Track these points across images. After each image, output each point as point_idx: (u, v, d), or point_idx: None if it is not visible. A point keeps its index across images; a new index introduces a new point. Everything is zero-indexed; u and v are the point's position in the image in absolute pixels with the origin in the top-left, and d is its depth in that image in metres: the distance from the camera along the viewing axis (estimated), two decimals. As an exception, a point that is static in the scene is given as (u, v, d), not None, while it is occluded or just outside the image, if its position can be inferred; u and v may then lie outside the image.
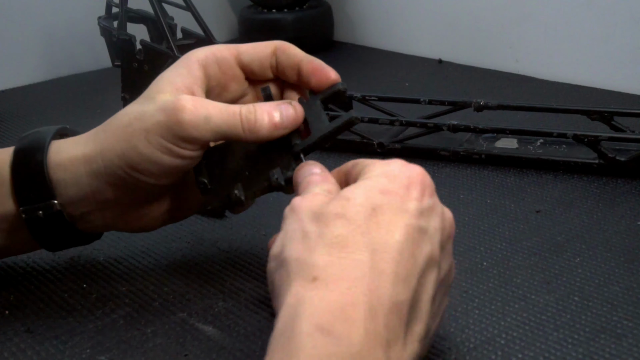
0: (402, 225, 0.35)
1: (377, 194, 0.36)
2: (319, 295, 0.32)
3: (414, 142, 0.67)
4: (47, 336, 0.44)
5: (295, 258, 0.34)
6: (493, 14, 0.95)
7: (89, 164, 0.44)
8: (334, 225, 0.35)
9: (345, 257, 0.34)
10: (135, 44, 0.75)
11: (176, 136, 0.43)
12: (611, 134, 0.60)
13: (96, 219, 0.46)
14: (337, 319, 0.31)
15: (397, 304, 0.33)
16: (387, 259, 0.34)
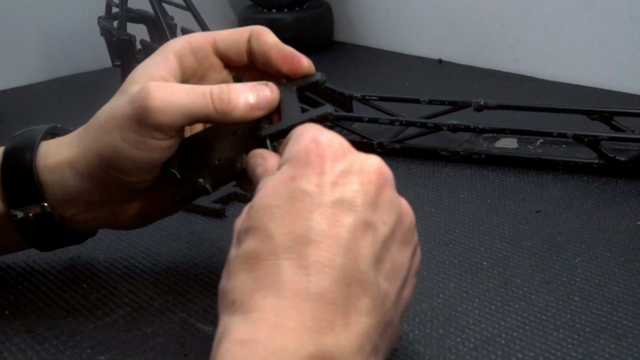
0: (309, 209, 0.33)
1: (280, 186, 0.34)
2: (238, 317, 0.31)
3: (414, 142, 0.67)
4: (47, 336, 0.44)
5: (221, 288, 0.34)
6: (493, 14, 0.95)
7: (74, 166, 0.44)
8: (245, 241, 0.34)
9: (259, 269, 0.32)
10: (135, 44, 0.76)
11: (146, 126, 0.41)
12: (611, 134, 0.60)
13: (87, 219, 0.46)
14: (256, 327, 0.30)
15: (322, 292, 0.31)
16: (301, 251, 0.32)
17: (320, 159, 0.34)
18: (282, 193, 0.34)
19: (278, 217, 0.33)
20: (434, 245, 0.51)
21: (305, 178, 0.34)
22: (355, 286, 0.32)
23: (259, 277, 0.32)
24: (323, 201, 0.33)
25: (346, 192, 0.34)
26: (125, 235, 0.55)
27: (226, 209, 0.58)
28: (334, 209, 0.33)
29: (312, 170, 0.34)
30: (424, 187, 0.61)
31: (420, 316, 0.43)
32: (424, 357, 0.40)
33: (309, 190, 0.33)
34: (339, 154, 0.35)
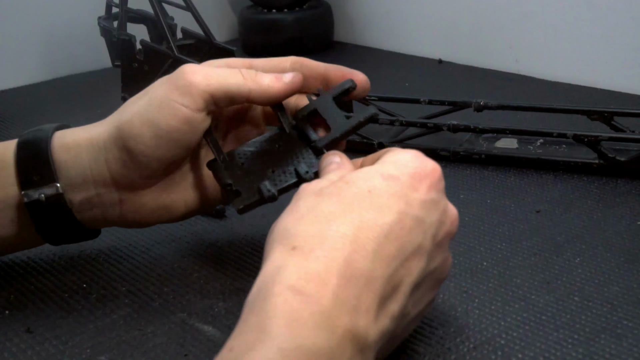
0: (396, 210, 0.36)
1: (377, 177, 0.37)
2: (295, 262, 0.33)
3: (414, 142, 0.67)
4: (47, 336, 0.44)
5: (283, 227, 0.35)
6: (493, 14, 0.95)
7: (91, 142, 0.45)
8: (326, 202, 0.36)
9: (328, 230, 0.34)
10: (135, 44, 0.75)
11: (177, 88, 0.43)
12: (611, 134, 0.60)
13: (95, 205, 0.46)
14: (309, 281, 0.32)
15: (371, 280, 0.34)
16: (370, 237, 0.34)
17: (422, 179, 0.38)
18: (377, 182, 0.37)
19: (364, 199, 0.36)
20: (434, 245, 0.51)
21: (402, 183, 0.37)
22: (395, 293, 0.35)
23: (326, 237, 0.34)
24: (407, 211, 0.36)
25: (426, 218, 0.37)
26: (125, 235, 0.55)
27: (226, 209, 0.58)
28: (412, 222, 0.36)
29: (412, 181, 0.37)
30: (424, 187, 0.61)
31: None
32: (424, 357, 0.40)
33: (400, 194, 0.36)
34: (436, 186, 0.38)
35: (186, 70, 0.44)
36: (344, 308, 0.32)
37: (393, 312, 0.35)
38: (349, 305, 0.32)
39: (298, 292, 0.32)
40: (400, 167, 0.38)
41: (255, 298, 0.33)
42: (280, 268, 0.33)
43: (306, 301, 0.31)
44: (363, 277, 0.33)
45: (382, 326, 0.34)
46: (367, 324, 0.33)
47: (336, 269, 0.33)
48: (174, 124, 0.44)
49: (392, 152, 0.39)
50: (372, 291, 0.34)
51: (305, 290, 0.32)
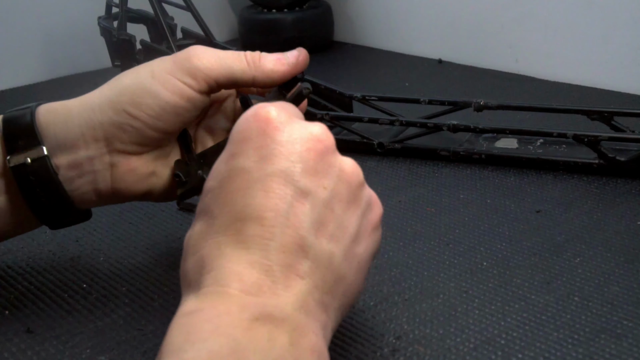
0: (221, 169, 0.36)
1: (222, 167, 0.37)
2: (191, 295, 0.34)
3: (414, 142, 0.67)
4: (47, 336, 0.44)
5: (180, 272, 0.37)
6: (493, 14, 0.95)
7: (83, 105, 0.45)
8: (195, 225, 0.37)
9: (204, 248, 0.35)
10: (135, 44, 0.76)
11: (183, 69, 0.44)
12: (611, 134, 0.60)
13: (85, 172, 0.45)
14: (202, 301, 0.33)
15: (259, 261, 0.34)
16: (239, 229, 0.35)
17: (260, 133, 0.36)
18: (223, 173, 0.36)
19: (219, 198, 0.35)
20: (434, 245, 0.51)
21: (244, 155, 0.35)
22: (295, 252, 0.34)
23: (204, 256, 0.34)
24: (260, 176, 0.35)
25: (283, 163, 0.35)
26: (125, 235, 0.55)
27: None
28: (271, 182, 0.35)
29: (251, 145, 0.36)
30: (424, 187, 0.61)
31: (420, 316, 0.43)
32: (424, 357, 0.40)
33: (247, 167, 0.35)
34: (279, 125, 0.36)
35: (192, 54, 0.45)
36: (246, 299, 0.33)
37: (305, 269, 0.34)
38: (251, 296, 0.33)
39: (191, 312, 0.33)
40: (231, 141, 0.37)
41: None
42: (180, 305, 0.34)
43: (201, 315, 0.32)
44: (252, 263, 0.34)
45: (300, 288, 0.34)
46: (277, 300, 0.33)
47: (226, 272, 0.34)
48: (177, 101, 0.44)
49: None
50: (263, 272, 0.34)
51: (199, 307, 0.33)
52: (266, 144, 0.35)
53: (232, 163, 0.36)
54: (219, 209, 0.35)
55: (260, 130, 0.36)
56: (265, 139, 0.35)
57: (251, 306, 0.32)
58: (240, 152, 0.36)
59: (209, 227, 0.35)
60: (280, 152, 0.35)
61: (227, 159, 0.36)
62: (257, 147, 0.35)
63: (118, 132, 0.45)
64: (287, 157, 0.35)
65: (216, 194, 0.36)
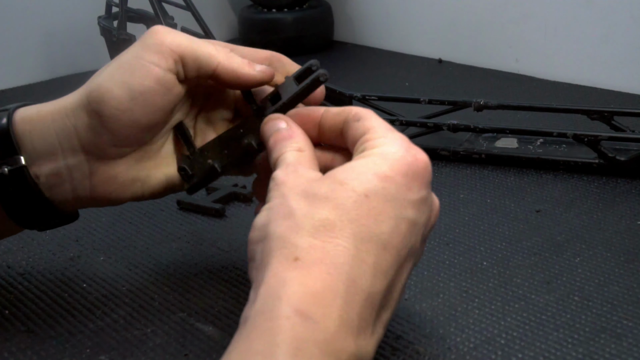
0: (393, 216, 0.35)
1: (373, 178, 0.35)
2: (299, 278, 0.32)
3: (414, 141, 0.67)
4: (47, 336, 0.44)
5: (279, 235, 0.34)
6: (493, 14, 0.95)
7: (57, 111, 0.43)
8: (322, 207, 0.35)
9: (329, 241, 0.34)
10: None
11: (146, 46, 0.42)
12: (611, 133, 0.60)
13: (63, 180, 0.44)
14: (314, 304, 0.32)
15: (372, 294, 0.33)
16: (370, 249, 0.34)
17: (415, 177, 0.36)
18: (373, 184, 0.35)
19: (362, 205, 0.35)
20: (434, 245, 0.51)
21: (396, 184, 0.36)
22: (387, 300, 0.35)
23: (327, 251, 0.33)
24: (402, 215, 0.35)
25: (419, 219, 0.36)
26: (125, 235, 0.55)
27: (226, 209, 0.58)
28: (406, 226, 0.35)
29: (406, 181, 0.36)
30: (424, 187, 0.61)
31: (420, 316, 0.43)
32: (424, 357, 0.40)
33: (396, 198, 0.35)
34: (426, 181, 0.37)
35: (157, 30, 0.43)
36: (348, 330, 0.32)
37: (386, 319, 0.35)
38: (352, 327, 0.32)
39: (305, 316, 0.31)
40: (392, 164, 0.36)
41: (259, 314, 0.32)
42: (284, 283, 0.32)
43: (313, 328, 0.31)
44: (364, 293, 0.33)
45: (377, 337, 0.34)
46: (366, 341, 0.33)
47: (340, 288, 0.33)
48: (146, 84, 0.42)
49: (378, 140, 0.38)
50: (371, 306, 0.34)
51: (311, 314, 0.31)
52: (413, 191, 0.36)
53: (386, 184, 0.35)
54: (357, 216, 0.34)
55: (415, 176, 0.36)
56: (414, 185, 0.36)
57: (351, 341, 0.32)
58: (394, 180, 0.36)
59: (341, 225, 0.34)
60: (418, 207, 0.36)
61: (380, 175, 0.36)
62: (408, 188, 0.36)
63: (93, 136, 0.43)
64: (421, 215, 0.37)
65: (360, 200, 0.35)
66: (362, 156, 0.37)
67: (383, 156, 0.36)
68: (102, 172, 0.44)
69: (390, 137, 0.38)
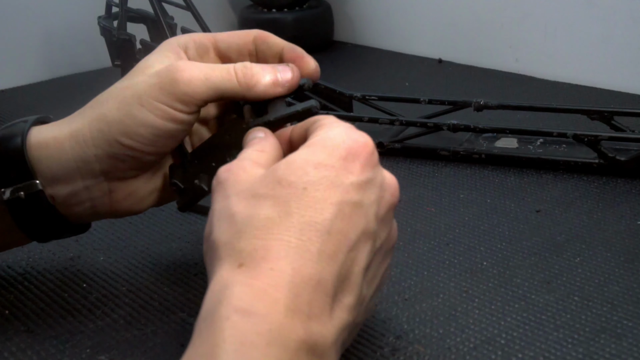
0: (334, 202, 0.35)
1: (311, 169, 0.35)
2: (242, 280, 0.32)
3: (414, 141, 0.67)
4: (47, 336, 0.44)
5: (224, 242, 0.34)
6: (493, 14, 0.95)
7: (74, 138, 0.44)
8: (262, 206, 0.35)
9: (271, 238, 0.34)
10: (135, 43, 0.76)
11: (171, 95, 0.42)
12: (611, 133, 0.60)
13: (81, 200, 0.45)
14: (257, 300, 0.32)
15: (321, 281, 0.33)
16: (313, 237, 0.34)
17: (354, 159, 0.36)
18: (310, 175, 0.35)
19: (301, 198, 0.35)
20: (434, 245, 0.51)
21: (335, 170, 0.35)
22: (346, 285, 0.34)
23: (269, 248, 0.33)
24: (344, 199, 0.35)
25: (365, 199, 0.36)
26: (125, 235, 0.55)
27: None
28: (351, 209, 0.35)
29: (344, 164, 0.36)
30: (424, 187, 0.61)
31: (420, 316, 0.43)
32: (424, 357, 0.40)
33: (335, 183, 0.35)
34: (370, 162, 0.37)
35: (178, 77, 0.42)
36: (296, 319, 0.32)
37: (349, 304, 0.34)
38: (301, 315, 0.32)
39: (246, 313, 0.31)
40: (331, 151, 0.36)
41: (202, 321, 0.32)
42: (226, 287, 0.32)
43: (255, 322, 0.31)
44: (312, 280, 0.33)
45: (339, 322, 0.34)
46: (322, 328, 0.32)
47: (285, 281, 0.32)
48: (169, 126, 0.43)
49: (320, 129, 0.38)
50: (323, 292, 0.33)
51: (253, 310, 0.31)
52: (355, 173, 0.36)
53: (324, 172, 0.35)
54: (298, 209, 0.34)
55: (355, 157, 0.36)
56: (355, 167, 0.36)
57: (300, 327, 0.32)
58: (333, 165, 0.35)
59: (282, 220, 0.34)
60: (364, 188, 0.36)
61: (318, 163, 0.35)
62: (349, 170, 0.36)
63: (115, 162, 0.44)
64: (368, 195, 0.36)
65: (299, 193, 0.35)
66: (303, 147, 0.37)
67: (321, 144, 0.37)
68: (121, 190, 0.45)
69: (332, 126, 0.38)
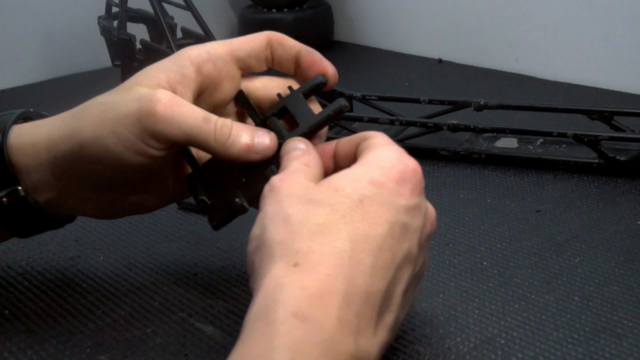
0: (387, 220, 0.35)
1: (366, 184, 0.36)
2: (297, 282, 0.33)
3: (414, 141, 0.67)
4: (47, 336, 0.44)
5: (278, 241, 0.35)
6: (493, 14, 0.95)
7: (51, 150, 0.43)
8: (317, 212, 0.35)
9: (326, 244, 0.34)
10: (135, 43, 0.76)
11: (145, 130, 0.41)
12: (611, 133, 0.60)
13: (62, 204, 0.45)
14: (312, 305, 0.32)
15: (371, 294, 0.34)
16: (367, 250, 0.34)
17: (406, 183, 0.37)
18: (366, 190, 0.36)
19: (357, 210, 0.36)
20: (434, 245, 0.51)
21: (389, 190, 0.37)
22: (389, 303, 0.35)
23: (325, 253, 0.34)
24: (395, 219, 0.36)
25: (412, 223, 0.37)
26: (125, 235, 0.55)
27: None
28: (400, 230, 0.36)
29: (397, 187, 0.37)
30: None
31: (420, 316, 0.43)
32: (424, 357, 0.40)
33: (389, 202, 0.36)
34: (418, 188, 0.38)
35: (155, 113, 0.41)
36: (347, 330, 0.32)
37: (389, 323, 0.35)
38: (351, 327, 0.32)
39: (302, 318, 0.31)
40: (385, 171, 0.37)
41: (257, 319, 0.32)
42: (282, 287, 0.33)
43: (311, 329, 0.31)
44: (363, 292, 0.33)
45: (380, 340, 0.35)
46: (368, 343, 0.33)
47: (339, 288, 0.33)
48: (139, 160, 0.42)
49: (374, 149, 0.39)
50: (371, 306, 0.34)
51: (309, 316, 0.32)
52: (406, 196, 0.37)
53: (378, 189, 0.36)
54: (354, 219, 0.35)
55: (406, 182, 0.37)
56: (406, 191, 0.37)
57: (351, 340, 0.32)
58: (387, 186, 0.37)
59: (337, 225, 0.35)
60: (411, 213, 0.37)
61: (373, 180, 0.37)
62: (399, 193, 0.37)
63: (87, 178, 0.43)
64: (415, 221, 0.37)
65: (355, 204, 0.36)
66: (358, 164, 0.38)
67: (376, 164, 0.38)
68: (96, 198, 0.45)
69: (385, 148, 0.39)
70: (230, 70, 0.45)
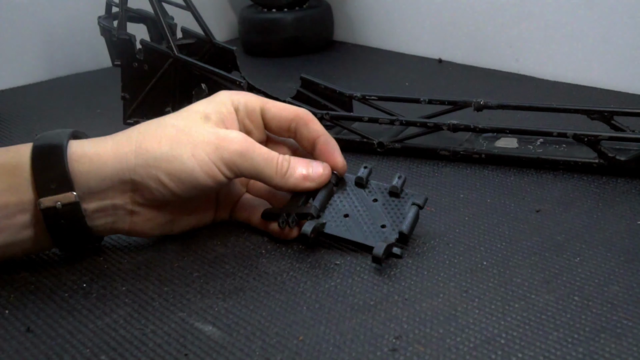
0: None
1: None
2: None
3: (414, 141, 0.67)
4: (47, 336, 0.44)
5: None
6: (493, 14, 0.95)
7: (118, 159, 0.47)
8: None
9: None
10: (135, 43, 0.75)
11: (222, 159, 0.48)
12: (611, 133, 0.60)
13: (106, 215, 0.49)
14: None
15: None
16: None
17: None
18: None
19: None
20: (434, 244, 0.51)
21: None
22: None
23: None
24: None
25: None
26: (125, 235, 0.55)
27: (226, 209, 0.58)
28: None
29: None
30: (424, 187, 0.61)
31: (420, 316, 0.43)
32: (424, 357, 0.40)
33: None
34: None
35: (237, 148, 0.49)
36: None
37: None
38: None
39: None
40: None
41: None
42: None
43: None
44: None
45: None
46: None
47: None
48: (208, 182, 0.48)
49: None
50: None
51: None
52: None
53: None
54: None
55: None
56: None
57: None
58: None
59: None
60: None
61: None
62: None
63: (146, 192, 0.48)
64: None
65: None
66: None
67: None
68: (141, 214, 0.50)
69: None
70: (258, 122, 0.53)
